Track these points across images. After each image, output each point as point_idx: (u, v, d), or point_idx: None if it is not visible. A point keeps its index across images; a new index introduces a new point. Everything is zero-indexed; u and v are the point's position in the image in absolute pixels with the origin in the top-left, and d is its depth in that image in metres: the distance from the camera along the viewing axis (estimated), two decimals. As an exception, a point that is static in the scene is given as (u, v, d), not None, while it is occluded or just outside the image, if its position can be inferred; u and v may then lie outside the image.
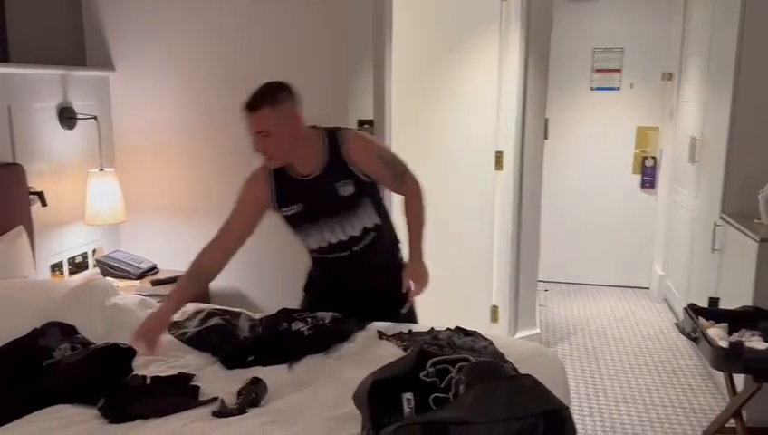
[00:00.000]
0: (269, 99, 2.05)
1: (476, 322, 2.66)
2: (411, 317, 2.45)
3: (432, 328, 2.32)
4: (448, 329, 2.31)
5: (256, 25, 3.04)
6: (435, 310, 3.40)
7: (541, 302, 4.63)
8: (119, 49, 3.21)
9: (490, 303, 3.88)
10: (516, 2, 3.58)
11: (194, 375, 1.94)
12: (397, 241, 2.42)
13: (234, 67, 3.09)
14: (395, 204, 2.48)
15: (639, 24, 4.98)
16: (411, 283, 2.28)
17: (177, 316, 2.41)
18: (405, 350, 2.09)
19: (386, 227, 2.33)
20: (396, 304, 2.35)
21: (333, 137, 2.17)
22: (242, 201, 2.26)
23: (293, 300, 2.86)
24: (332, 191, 2.14)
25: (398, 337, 2.27)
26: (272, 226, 3.17)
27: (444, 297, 3.58)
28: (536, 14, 3.60)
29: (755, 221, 3.08)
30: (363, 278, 2.32)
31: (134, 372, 1.91)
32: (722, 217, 3.35)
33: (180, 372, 1.94)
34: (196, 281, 2.21)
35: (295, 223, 2.24)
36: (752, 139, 3.29)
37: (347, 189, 2.15)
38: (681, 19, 4.66)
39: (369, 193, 2.21)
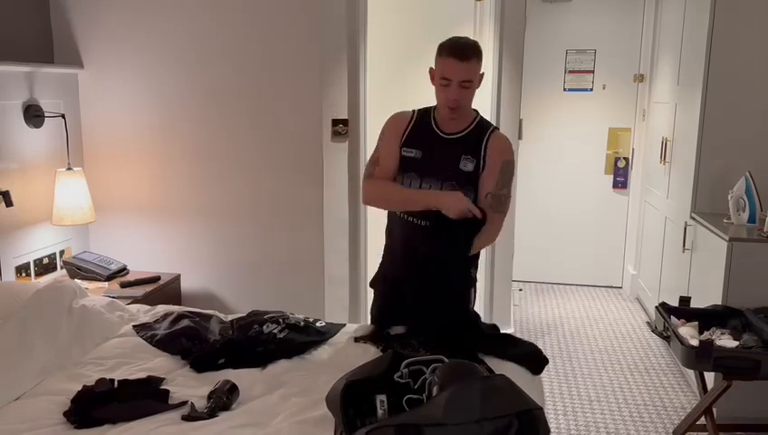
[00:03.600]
0: (478, 52, 2.05)
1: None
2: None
3: (406, 329, 2.31)
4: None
5: (227, 24, 3.00)
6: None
7: (515, 301, 4.65)
8: (88, 46, 3.14)
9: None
10: (490, 2, 3.58)
11: (163, 378, 1.91)
12: (475, 257, 2.26)
13: (204, 65, 3.05)
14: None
15: (611, 25, 5.03)
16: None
17: (146, 318, 2.37)
18: (382, 351, 2.08)
19: (472, 230, 2.16)
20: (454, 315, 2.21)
21: (484, 122, 2.18)
22: (387, 138, 2.20)
23: (266, 302, 2.84)
24: (455, 159, 2.11)
25: (374, 338, 2.25)
26: (246, 226, 3.15)
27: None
28: (510, 15, 3.61)
29: (725, 221, 3.12)
30: (428, 267, 2.12)
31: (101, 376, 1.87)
32: (692, 217, 3.40)
33: (149, 376, 1.91)
34: None
35: (406, 166, 2.16)
36: (722, 139, 3.34)
37: (467, 165, 2.10)
38: (652, 21, 4.72)
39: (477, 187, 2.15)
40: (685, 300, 2.84)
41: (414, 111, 2.22)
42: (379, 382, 1.50)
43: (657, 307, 2.82)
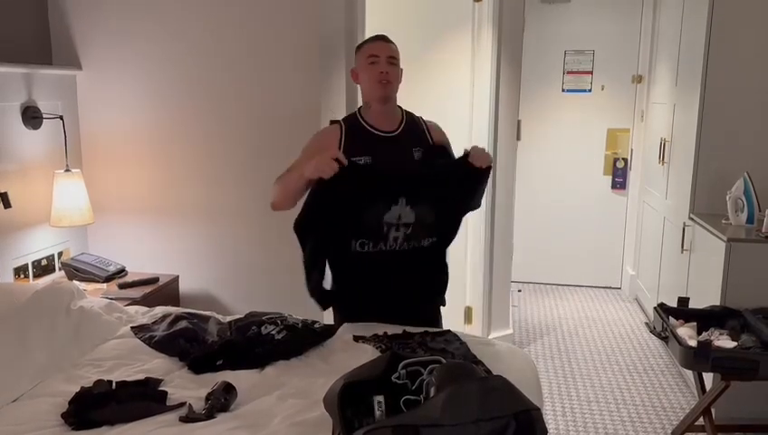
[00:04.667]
0: (395, 44, 2.20)
1: (450, 323, 2.64)
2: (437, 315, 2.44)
3: (405, 330, 2.31)
4: (426, 331, 2.31)
5: (226, 25, 3.00)
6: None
7: (514, 302, 4.66)
8: (86, 47, 3.14)
9: (464, 304, 3.88)
10: (488, 3, 3.59)
11: (161, 380, 1.91)
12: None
13: (203, 67, 3.05)
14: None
15: (610, 26, 5.03)
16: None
17: (144, 320, 2.37)
18: (382, 352, 2.07)
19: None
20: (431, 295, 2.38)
21: (410, 114, 2.27)
22: (311, 152, 2.18)
23: (265, 303, 2.83)
24: (409, 153, 2.17)
25: (374, 339, 2.26)
26: (244, 228, 3.15)
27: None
28: (508, 16, 3.62)
29: (723, 222, 3.12)
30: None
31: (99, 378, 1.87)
32: (691, 218, 3.40)
33: (147, 377, 1.90)
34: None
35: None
36: (720, 140, 3.34)
37: (420, 156, 2.18)
38: (651, 22, 4.72)
39: None
40: (683, 301, 2.84)
41: (338, 121, 2.24)
42: (377, 384, 1.49)
43: (655, 308, 2.82)
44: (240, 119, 3.07)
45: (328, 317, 2.98)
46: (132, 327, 2.30)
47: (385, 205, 2.08)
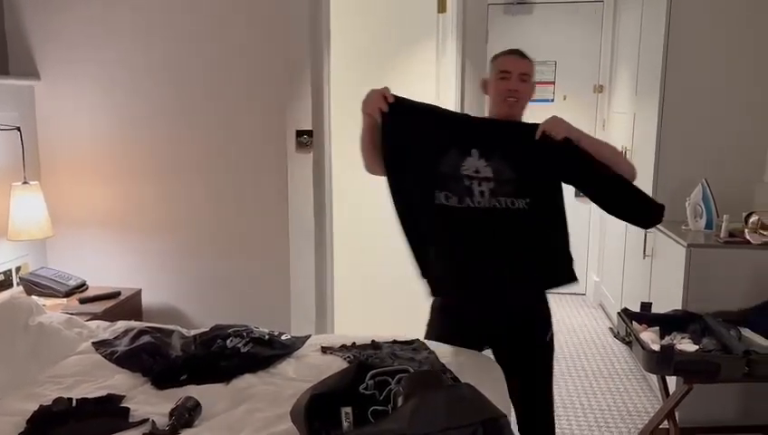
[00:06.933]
0: (529, 57, 2.10)
1: (420, 330, 2.65)
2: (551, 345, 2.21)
3: (373, 340, 2.31)
4: (394, 340, 2.31)
5: (190, 36, 2.97)
6: (379, 319, 3.40)
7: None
8: (45, 57, 3.07)
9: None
10: (452, 15, 3.62)
11: (123, 396, 1.87)
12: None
13: (165, 77, 3.01)
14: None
15: (571, 37, 5.13)
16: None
17: (105, 335, 2.32)
18: (350, 362, 2.06)
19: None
20: (538, 330, 2.16)
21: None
22: None
23: (231, 316, 2.80)
24: None
25: (343, 350, 2.24)
26: (209, 240, 3.11)
27: (388, 306, 3.58)
28: (471, 27, 3.65)
29: (683, 227, 3.19)
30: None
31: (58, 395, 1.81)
32: (652, 224, 3.47)
33: (109, 393, 1.86)
34: None
35: None
36: (678, 148, 3.42)
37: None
38: (611, 32, 4.83)
39: None
40: (646, 306, 2.89)
41: None
42: (345, 395, 1.49)
43: (619, 313, 2.86)
44: (203, 131, 3.03)
45: (295, 330, 2.96)
46: (93, 342, 2.25)
47: (459, 155, 1.97)
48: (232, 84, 2.98)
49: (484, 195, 1.96)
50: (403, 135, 1.99)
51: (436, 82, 3.71)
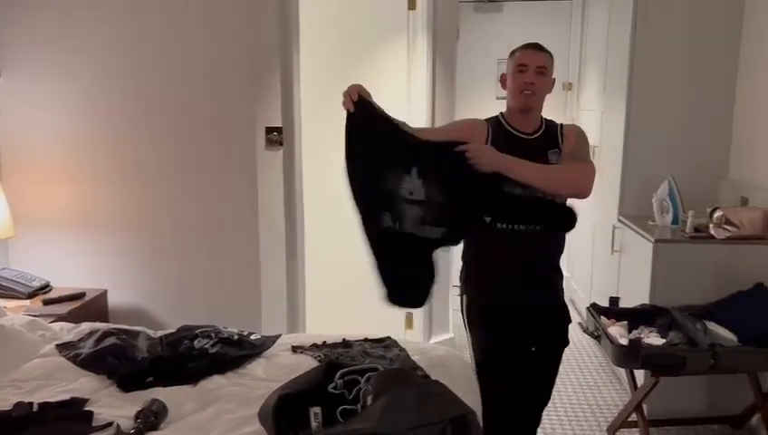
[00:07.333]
0: (550, 53, 2.08)
1: (392, 328, 2.64)
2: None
3: (344, 338, 2.30)
4: (366, 338, 2.30)
5: (154, 34, 2.91)
6: (350, 317, 3.38)
7: (455, 306, 4.69)
8: (6, 55, 2.98)
9: (405, 309, 3.89)
10: (422, 12, 3.62)
11: (87, 399, 1.83)
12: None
13: (131, 72, 2.95)
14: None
15: (540, 35, 5.09)
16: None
17: (69, 337, 2.27)
18: (321, 362, 2.05)
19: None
20: (562, 328, 2.21)
21: (550, 121, 2.15)
22: (459, 127, 2.17)
23: (200, 316, 2.75)
24: (543, 153, 2.05)
25: (312, 349, 2.23)
26: (177, 238, 3.05)
27: (359, 305, 3.56)
28: (442, 24, 3.66)
29: (650, 223, 3.24)
30: (529, 273, 2.11)
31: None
32: (620, 220, 3.51)
33: (72, 397, 1.82)
34: None
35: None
36: (645, 145, 3.47)
37: (554, 158, 2.06)
38: (579, 31, 4.88)
39: None
40: (614, 300, 2.93)
41: (485, 120, 2.15)
42: (314, 394, 1.47)
43: (588, 308, 2.89)
44: (170, 126, 2.98)
45: (266, 329, 2.93)
46: (57, 345, 2.20)
47: (398, 172, 1.92)
48: (198, 81, 2.94)
49: (408, 220, 1.92)
50: (362, 139, 1.93)
51: (407, 78, 3.70)
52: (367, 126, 1.93)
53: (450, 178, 1.93)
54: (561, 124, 2.15)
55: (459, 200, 1.94)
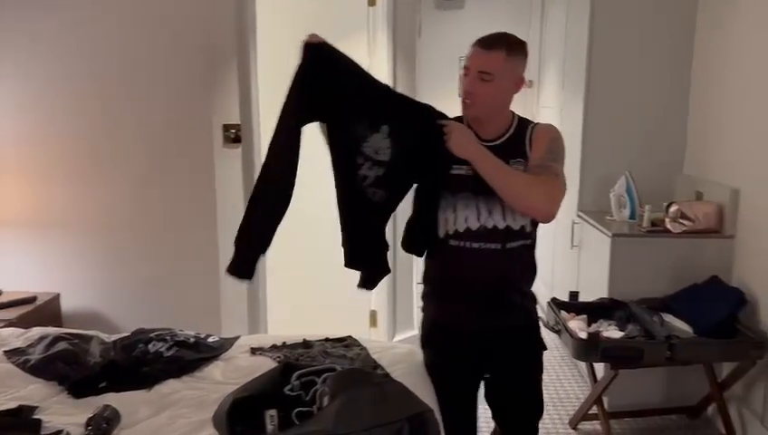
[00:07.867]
0: (507, 45, 1.82)
1: (356, 327, 2.63)
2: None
3: (305, 339, 2.27)
4: (326, 338, 2.27)
5: (108, 31, 2.84)
6: (314, 316, 3.35)
7: (419, 303, 4.69)
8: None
9: (369, 307, 3.87)
10: (382, 8, 3.60)
11: (36, 407, 1.77)
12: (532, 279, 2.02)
13: (86, 68, 2.87)
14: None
15: (502, 31, 5.19)
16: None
17: (18, 343, 2.19)
18: (280, 363, 2.02)
19: (533, 247, 1.94)
20: (527, 355, 1.97)
21: (524, 121, 1.92)
22: None
23: (158, 319, 2.69)
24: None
25: (272, 350, 2.19)
26: (133, 240, 2.98)
27: (323, 303, 3.53)
28: (402, 21, 3.65)
29: (608, 218, 3.28)
30: (489, 294, 1.86)
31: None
32: (579, 215, 3.55)
33: (20, 405, 1.76)
34: None
35: (456, 186, 1.82)
36: (603, 141, 3.51)
37: (519, 169, 1.82)
38: (539, 28, 4.92)
39: None
40: (574, 295, 2.96)
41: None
42: (269, 397, 1.44)
43: (548, 302, 2.92)
44: (124, 128, 2.91)
45: (226, 331, 2.88)
46: (5, 351, 2.13)
47: (366, 128, 1.75)
48: (154, 79, 2.87)
49: (367, 180, 1.78)
50: (322, 83, 1.80)
51: (368, 75, 3.67)
52: (331, 67, 1.79)
53: (416, 146, 1.77)
54: (534, 126, 1.91)
55: (406, 168, 1.80)
